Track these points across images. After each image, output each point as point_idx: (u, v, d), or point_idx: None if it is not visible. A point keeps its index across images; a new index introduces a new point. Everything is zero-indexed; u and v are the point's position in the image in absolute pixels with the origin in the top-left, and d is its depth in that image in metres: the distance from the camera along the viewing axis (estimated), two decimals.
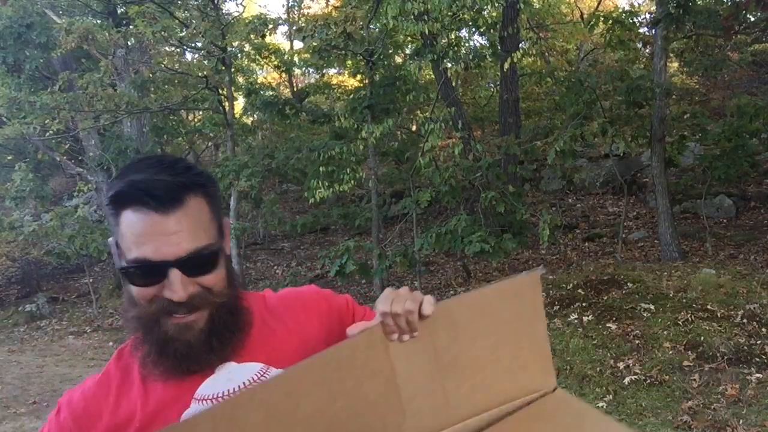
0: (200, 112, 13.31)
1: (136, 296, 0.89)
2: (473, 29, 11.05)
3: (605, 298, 5.88)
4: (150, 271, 0.86)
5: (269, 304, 1.05)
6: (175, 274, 0.86)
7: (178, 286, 0.86)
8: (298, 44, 16.15)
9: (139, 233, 0.86)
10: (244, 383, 0.93)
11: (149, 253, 0.85)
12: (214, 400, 0.91)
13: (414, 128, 12.78)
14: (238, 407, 0.80)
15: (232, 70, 9.87)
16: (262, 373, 0.95)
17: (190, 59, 11.85)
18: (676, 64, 13.32)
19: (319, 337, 1.02)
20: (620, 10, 9.27)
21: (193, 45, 9.76)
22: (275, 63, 15.14)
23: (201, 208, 0.90)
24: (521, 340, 0.97)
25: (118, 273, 0.93)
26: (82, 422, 0.93)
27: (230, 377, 0.93)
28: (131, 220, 0.86)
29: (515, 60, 7.83)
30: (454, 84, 11.43)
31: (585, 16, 14.18)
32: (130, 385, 0.94)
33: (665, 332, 5.03)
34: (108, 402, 0.94)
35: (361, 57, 8.57)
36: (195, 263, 0.88)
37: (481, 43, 13.19)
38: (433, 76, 11.52)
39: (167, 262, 0.86)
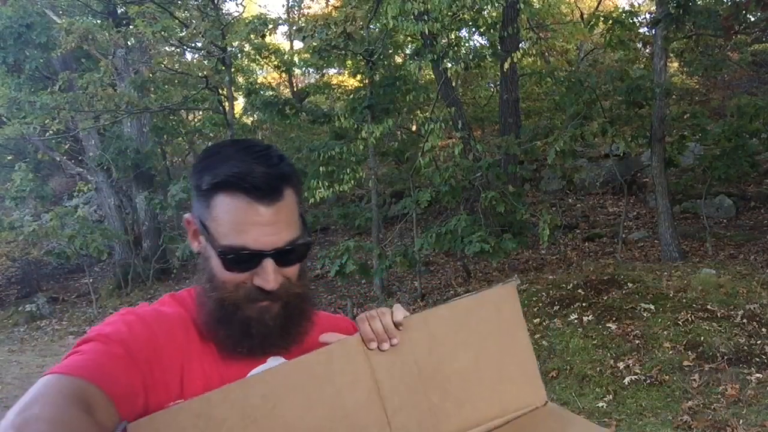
0: (200, 112, 13.31)
1: (222, 280, 0.91)
2: (473, 29, 11.05)
3: (605, 298, 5.88)
4: (246, 259, 0.89)
5: (317, 320, 1.07)
6: (269, 264, 0.89)
7: (271, 276, 0.90)
8: (298, 44, 16.17)
9: (240, 221, 0.88)
10: None
11: (249, 241, 0.88)
12: None
13: (414, 128, 12.78)
14: (215, 405, 0.81)
15: (232, 70, 9.87)
16: None
17: (190, 59, 11.86)
18: (676, 64, 13.33)
19: None
20: (620, 10, 9.26)
21: (193, 45, 9.76)
22: (275, 63, 15.14)
23: (293, 200, 0.93)
24: (504, 354, 0.97)
25: (210, 250, 0.92)
26: (152, 335, 0.90)
27: None
28: (231, 205, 0.89)
29: (515, 60, 7.83)
30: (454, 84, 11.43)
31: (585, 16, 14.19)
32: (194, 355, 0.93)
33: (665, 332, 5.03)
34: (177, 355, 0.91)
35: (361, 57, 8.57)
36: (288, 254, 0.92)
37: (481, 43, 13.19)
38: (433, 76, 11.53)
39: (264, 252, 0.89)
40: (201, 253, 0.96)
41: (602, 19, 8.19)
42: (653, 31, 8.06)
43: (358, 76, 12.92)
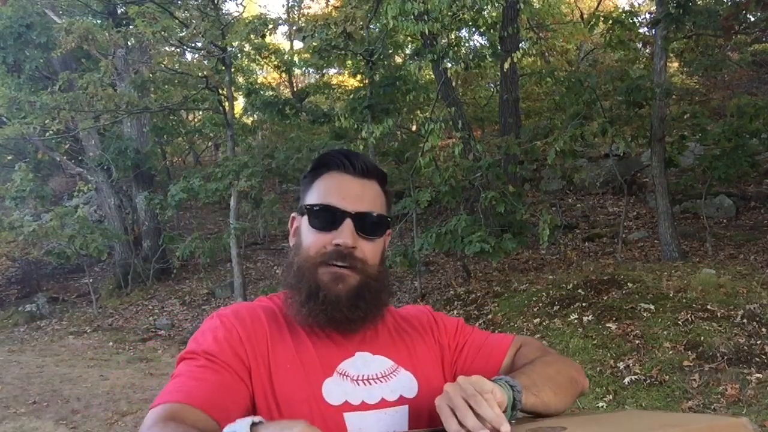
0: (200, 112, 13.32)
1: (306, 245, 1.01)
2: (473, 29, 11.06)
3: (605, 298, 5.88)
4: (329, 216, 0.99)
5: (395, 315, 1.13)
6: (348, 224, 0.98)
7: (348, 233, 0.98)
8: (298, 44, 16.17)
9: (330, 186, 1.02)
10: (376, 374, 0.99)
11: (334, 201, 0.99)
12: (353, 380, 0.97)
13: (414, 128, 12.79)
14: None
15: (232, 70, 9.87)
16: (392, 370, 1.01)
17: (190, 59, 11.85)
18: (676, 64, 13.32)
19: (434, 351, 1.09)
20: (620, 10, 9.27)
21: (193, 45, 9.75)
22: (275, 63, 15.14)
23: (380, 193, 1.05)
24: None
25: (302, 224, 1.04)
26: (250, 333, 0.98)
27: (366, 364, 1.00)
28: (327, 179, 1.03)
29: (515, 60, 7.83)
30: (454, 84, 11.43)
31: (585, 16, 14.18)
32: (277, 340, 0.99)
33: (665, 332, 5.03)
34: (262, 343, 0.98)
35: (361, 57, 8.57)
36: (367, 222, 1.00)
37: (481, 43, 13.20)
38: (433, 76, 11.52)
39: (346, 211, 0.99)
40: (294, 243, 1.06)
41: (602, 19, 8.19)
42: (653, 31, 8.06)
43: (358, 76, 12.92)
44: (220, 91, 9.45)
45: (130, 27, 9.39)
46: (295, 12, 17.84)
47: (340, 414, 0.93)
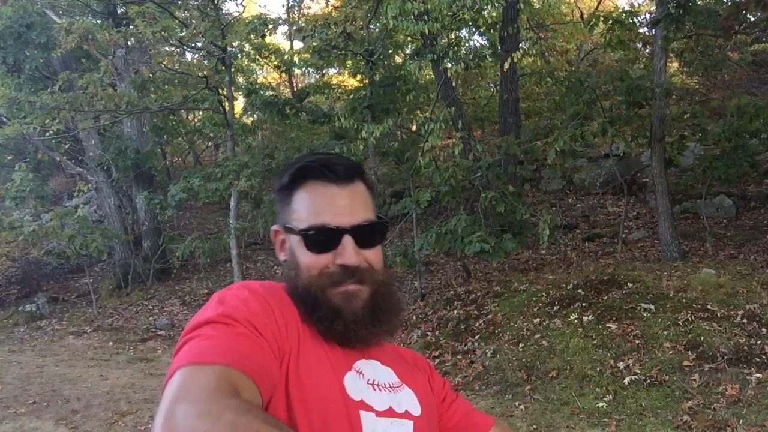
0: (200, 112, 13.32)
1: (306, 266, 0.95)
2: (473, 29, 11.06)
3: (605, 298, 5.88)
4: (327, 237, 0.94)
5: (394, 347, 1.11)
6: (348, 240, 0.94)
7: (351, 252, 0.94)
8: (298, 44, 16.17)
9: (318, 203, 0.96)
10: (386, 383, 0.99)
11: (328, 219, 0.94)
12: (367, 382, 0.95)
13: (414, 128, 12.80)
14: None
15: (232, 70, 9.87)
16: (398, 384, 1.00)
17: (190, 59, 11.86)
18: (676, 64, 13.33)
19: (427, 391, 1.08)
20: (620, 10, 9.27)
21: (193, 45, 9.76)
22: (275, 63, 15.15)
23: (367, 192, 1.01)
24: None
25: (294, 244, 0.97)
26: (280, 313, 0.90)
27: (376, 371, 0.99)
28: (308, 194, 0.97)
29: (515, 60, 7.83)
30: (454, 84, 11.43)
31: (585, 16, 14.18)
32: (304, 325, 0.93)
33: (665, 332, 5.03)
34: (293, 320, 0.92)
35: (361, 57, 8.58)
36: (366, 233, 0.96)
37: (481, 43, 13.21)
38: (433, 76, 11.52)
39: (343, 228, 0.94)
40: (287, 261, 0.99)
41: (602, 19, 8.18)
42: (653, 31, 8.06)
43: (358, 76, 12.92)
44: (220, 91, 9.45)
45: (130, 27, 9.40)
46: (295, 12, 17.84)
47: (357, 411, 0.90)
